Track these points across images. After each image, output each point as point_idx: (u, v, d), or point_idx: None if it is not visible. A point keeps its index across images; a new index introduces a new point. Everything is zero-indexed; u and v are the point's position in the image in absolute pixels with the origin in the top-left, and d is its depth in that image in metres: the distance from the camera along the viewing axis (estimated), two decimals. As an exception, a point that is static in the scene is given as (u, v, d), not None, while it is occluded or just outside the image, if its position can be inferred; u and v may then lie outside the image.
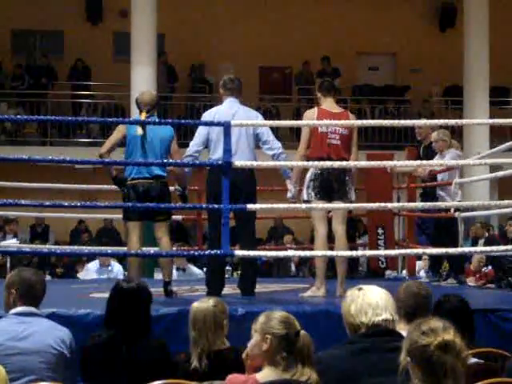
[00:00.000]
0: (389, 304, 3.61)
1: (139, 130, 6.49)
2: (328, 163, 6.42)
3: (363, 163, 7.47)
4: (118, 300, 4.32)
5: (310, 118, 6.78)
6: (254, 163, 6.49)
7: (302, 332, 3.52)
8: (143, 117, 6.63)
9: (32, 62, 18.75)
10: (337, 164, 6.42)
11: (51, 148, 16.90)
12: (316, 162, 6.48)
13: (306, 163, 6.65)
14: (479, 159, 8.68)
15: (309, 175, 6.77)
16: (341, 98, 18.68)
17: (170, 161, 6.69)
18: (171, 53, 18.51)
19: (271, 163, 6.81)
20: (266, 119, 7.99)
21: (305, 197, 6.76)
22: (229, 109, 6.78)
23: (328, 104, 6.86)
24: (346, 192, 6.75)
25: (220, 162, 6.12)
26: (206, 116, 6.85)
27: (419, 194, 9.16)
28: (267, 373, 3.46)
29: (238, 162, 6.17)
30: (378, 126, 16.26)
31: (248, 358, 3.61)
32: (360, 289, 3.65)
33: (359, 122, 7.23)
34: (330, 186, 6.70)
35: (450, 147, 8.36)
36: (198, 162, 6.92)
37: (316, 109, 6.89)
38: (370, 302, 3.58)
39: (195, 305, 4.31)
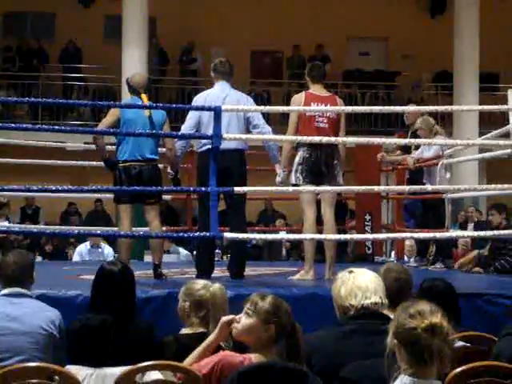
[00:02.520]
0: (379, 287, 3.64)
1: (147, 111, 6.52)
2: (316, 138, 6.40)
3: (351, 139, 7.41)
4: (102, 282, 4.31)
5: (297, 102, 6.79)
6: (243, 136, 6.50)
7: (298, 327, 3.53)
8: (145, 98, 6.62)
9: (23, 43, 18.67)
10: (325, 139, 6.41)
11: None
12: (305, 137, 6.48)
13: (294, 138, 6.66)
14: (468, 144, 8.68)
15: (297, 159, 6.78)
16: (332, 83, 18.70)
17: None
18: (162, 36, 18.47)
19: (260, 136, 6.80)
20: (257, 104, 8.00)
21: (293, 180, 6.77)
22: (220, 92, 6.79)
23: (316, 88, 6.88)
24: (334, 176, 6.76)
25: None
26: (197, 99, 6.85)
27: (406, 180, 9.15)
28: (261, 357, 3.50)
29: (227, 134, 6.19)
30: (368, 112, 16.28)
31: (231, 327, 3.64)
32: (351, 271, 3.69)
33: (349, 108, 7.26)
34: (318, 169, 6.71)
35: (435, 134, 8.38)
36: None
37: (304, 93, 6.90)
38: (359, 285, 3.61)
39: (218, 286, 4.25)
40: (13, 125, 7.00)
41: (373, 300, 3.58)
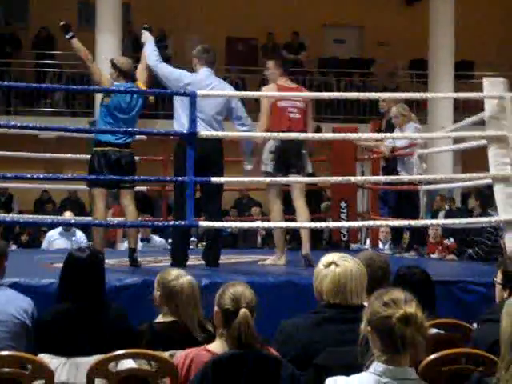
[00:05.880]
0: (361, 289, 3.56)
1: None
2: (293, 135, 6.54)
3: (329, 135, 7.56)
4: (70, 270, 4.25)
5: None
6: (220, 133, 6.49)
7: (243, 312, 3.43)
8: (143, 85, 6.69)
9: (-5, 30, 18.53)
10: (302, 136, 6.50)
11: (15, 117, 16.71)
12: (281, 134, 6.59)
13: (272, 134, 6.71)
14: (443, 137, 8.73)
15: (268, 147, 6.88)
16: (307, 71, 18.70)
17: (135, 129, 6.72)
18: (137, 22, 18.35)
19: (237, 134, 6.83)
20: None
21: (263, 168, 6.91)
22: (205, 78, 6.75)
23: (284, 80, 7.00)
24: (303, 166, 6.94)
25: (185, 132, 6.15)
26: (187, 73, 6.79)
27: (381, 168, 9.21)
28: (218, 344, 3.50)
29: (204, 132, 6.19)
30: (344, 98, 16.32)
31: None
32: (337, 265, 3.57)
33: (325, 95, 7.30)
34: (288, 159, 6.87)
35: (409, 121, 8.43)
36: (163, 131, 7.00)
37: (274, 85, 7.02)
38: (344, 285, 3.50)
39: (187, 279, 4.20)
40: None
41: (354, 301, 3.52)
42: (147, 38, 6.92)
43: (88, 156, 6.85)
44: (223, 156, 6.77)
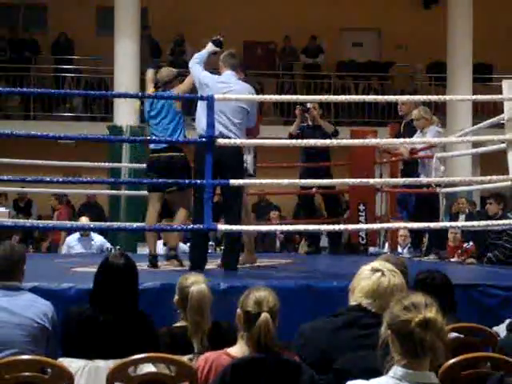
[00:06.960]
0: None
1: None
2: (312, 141, 6.56)
3: (347, 141, 7.60)
4: (104, 274, 4.21)
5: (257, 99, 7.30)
6: (238, 141, 6.48)
7: (264, 315, 3.44)
8: (150, 91, 7.14)
9: (15, 35, 18.58)
10: (321, 142, 6.52)
11: (34, 122, 16.80)
12: (300, 141, 6.61)
13: (291, 141, 6.79)
14: (461, 136, 8.69)
15: (252, 153, 7.47)
16: (325, 74, 18.69)
17: (168, 139, 6.89)
18: (155, 27, 18.41)
19: (253, 141, 6.84)
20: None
21: (251, 171, 7.46)
22: (226, 81, 6.76)
23: None
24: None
25: (203, 139, 6.17)
26: (209, 75, 6.83)
27: (400, 171, 9.18)
28: (238, 348, 3.49)
29: (222, 140, 6.19)
30: (362, 101, 16.31)
31: None
32: (383, 274, 3.52)
33: (343, 98, 7.28)
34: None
35: (431, 124, 8.39)
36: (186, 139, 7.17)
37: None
38: (382, 292, 3.45)
39: (197, 288, 4.19)
40: (8, 131, 7.15)
41: (379, 312, 3.43)
42: (208, 45, 7.02)
43: (107, 164, 7.05)
44: (242, 160, 6.78)
